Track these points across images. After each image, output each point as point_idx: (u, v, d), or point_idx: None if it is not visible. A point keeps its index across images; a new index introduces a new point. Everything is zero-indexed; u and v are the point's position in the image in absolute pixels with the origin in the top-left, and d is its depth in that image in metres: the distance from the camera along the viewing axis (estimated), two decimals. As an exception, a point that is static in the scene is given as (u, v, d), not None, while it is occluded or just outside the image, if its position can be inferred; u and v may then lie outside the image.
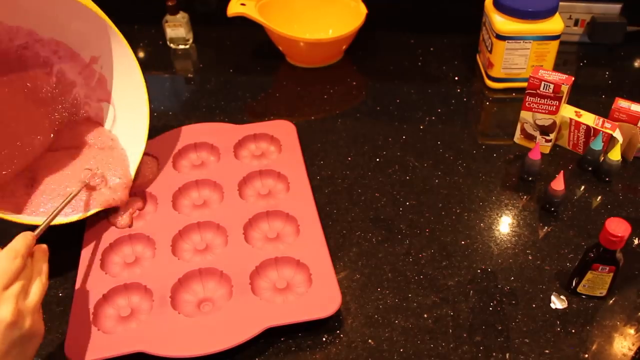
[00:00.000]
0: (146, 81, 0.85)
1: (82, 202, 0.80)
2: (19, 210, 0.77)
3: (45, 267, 0.63)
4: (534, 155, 0.86)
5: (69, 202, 0.75)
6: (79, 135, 0.87)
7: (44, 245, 0.65)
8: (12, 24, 0.79)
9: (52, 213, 0.71)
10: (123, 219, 0.81)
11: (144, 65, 1.16)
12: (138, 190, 0.86)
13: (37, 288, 0.60)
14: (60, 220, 0.77)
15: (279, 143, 0.93)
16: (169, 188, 0.85)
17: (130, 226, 0.81)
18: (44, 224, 0.68)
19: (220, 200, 0.84)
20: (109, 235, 0.80)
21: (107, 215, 0.82)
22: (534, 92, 0.87)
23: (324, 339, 0.70)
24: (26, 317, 0.57)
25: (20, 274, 0.59)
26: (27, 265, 0.60)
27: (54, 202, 0.79)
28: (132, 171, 0.84)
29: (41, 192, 0.80)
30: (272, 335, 0.70)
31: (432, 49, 1.17)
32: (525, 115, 0.91)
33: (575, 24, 1.14)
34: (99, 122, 0.89)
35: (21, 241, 0.61)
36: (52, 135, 0.85)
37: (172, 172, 0.89)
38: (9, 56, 0.81)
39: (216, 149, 0.92)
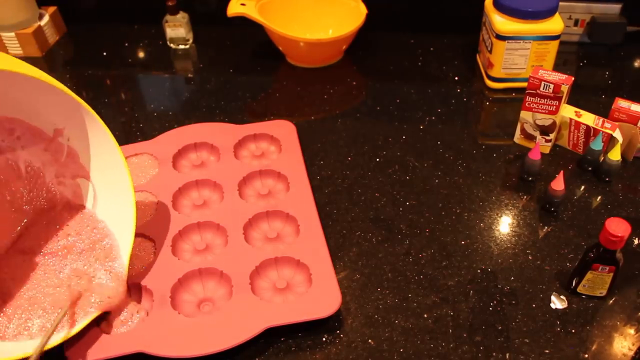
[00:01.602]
0: (146, 81, 0.84)
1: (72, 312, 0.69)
2: None
3: None
4: (534, 155, 0.86)
5: (60, 320, 0.64)
6: (58, 235, 0.74)
7: None
8: None
9: (42, 343, 0.61)
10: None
11: (144, 66, 1.17)
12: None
13: None
14: (53, 342, 0.65)
15: (279, 143, 0.93)
16: (169, 188, 0.85)
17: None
18: (35, 356, 0.59)
19: (220, 200, 0.84)
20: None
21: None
22: (534, 92, 0.87)
23: (324, 339, 0.70)
24: None
25: None
26: None
27: (37, 319, 0.66)
28: (126, 259, 0.72)
29: (17, 307, 0.67)
30: (272, 335, 0.70)
31: (432, 49, 1.17)
32: (525, 115, 0.91)
33: (575, 24, 1.14)
34: (80, 205, 0.77)
35: None
36: (17, 231, 0.72)
37: (172, 172, 0.89)
38: None
39: (216, 149, 0.92)
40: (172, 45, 1.21)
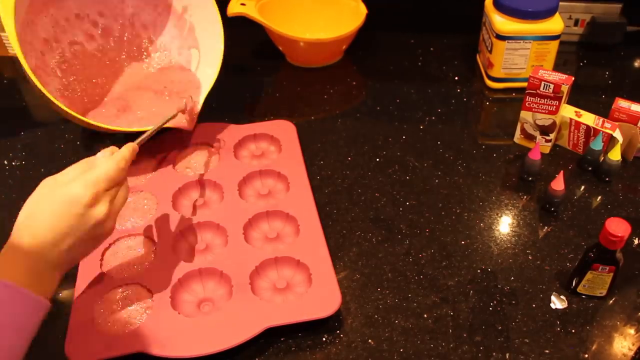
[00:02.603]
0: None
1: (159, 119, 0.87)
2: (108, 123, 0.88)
3: (126, 177, 0.67)
4: (534, 155, 0.86)
5: (165, 122, 0.82)
6: (167, 80, 0.99)
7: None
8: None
9: (152, 130, 0.76)
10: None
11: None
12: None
13: (122, 196, 0.65)
14: (136, 128, 0.87)
15: (279, 143, 0.93)
16: (169, 188, 0.85)
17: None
18: (146, 135, 0.73)
19: (220, 200, 0.84)
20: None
21: None
22: (534, 92, 0.87)
23: (324, 339, 0.70)
24: (110, 219, 0.63)
25: (120, 181, 0.65)
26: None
27: (138, 123, 0.91)
28: (201, 103, 0.94)
29: (128, 112, 0.93)
30: (272, 335, 0.70)
31: (432, 49, 1.17)
32: (525, 115, 0.91)
33: (575, 24, 1.14)
34: (188, 69, 1.01)
35: (129, 151, 0.67)
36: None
37: (172, 172, 0.89)
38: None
39: (216, 149, 0.92)
40: (172, 45, 1.21)
